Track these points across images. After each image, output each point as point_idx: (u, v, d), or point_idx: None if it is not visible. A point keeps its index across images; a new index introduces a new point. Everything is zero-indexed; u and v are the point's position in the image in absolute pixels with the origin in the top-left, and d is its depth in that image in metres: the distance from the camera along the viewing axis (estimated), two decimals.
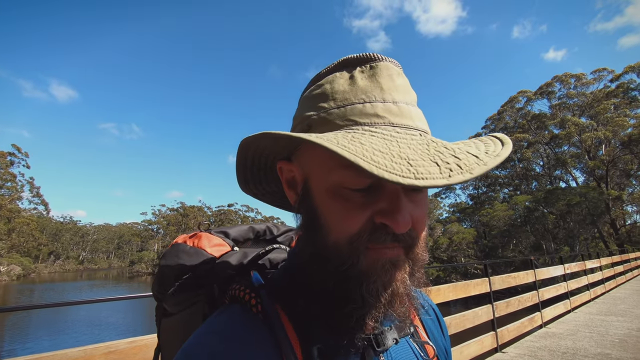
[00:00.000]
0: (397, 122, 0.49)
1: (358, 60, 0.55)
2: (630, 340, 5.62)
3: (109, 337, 17.01)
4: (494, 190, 49.26)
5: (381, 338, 0.53)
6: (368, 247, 0.46)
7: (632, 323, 6.81)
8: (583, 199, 30.78)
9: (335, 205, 0.48)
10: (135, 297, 2.53)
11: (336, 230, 0.48)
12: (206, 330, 0.49)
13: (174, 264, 0.71)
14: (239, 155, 0.60)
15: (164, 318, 0.77)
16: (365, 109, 0.49)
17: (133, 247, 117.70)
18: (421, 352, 0.59)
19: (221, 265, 0.68)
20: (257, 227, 0.85)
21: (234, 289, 0.56)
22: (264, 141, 0.55)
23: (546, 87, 45.68)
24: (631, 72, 38.34)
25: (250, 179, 0.67)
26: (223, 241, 0.78)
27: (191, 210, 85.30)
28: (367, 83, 0.52)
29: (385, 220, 0.45)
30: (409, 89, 0.55)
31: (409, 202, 0.48)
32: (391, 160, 0.40)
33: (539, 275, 7.24)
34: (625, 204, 39.22)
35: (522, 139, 42.76)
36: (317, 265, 0.51)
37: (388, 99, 0.51)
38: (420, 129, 0.50)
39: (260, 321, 0.49)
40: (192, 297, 0.69)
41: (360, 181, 0.46)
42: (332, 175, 0.47)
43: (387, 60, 0.55)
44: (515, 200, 36.63)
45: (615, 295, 10.76)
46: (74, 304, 2.38)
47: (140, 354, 1.92)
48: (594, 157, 40.02)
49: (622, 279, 13.80)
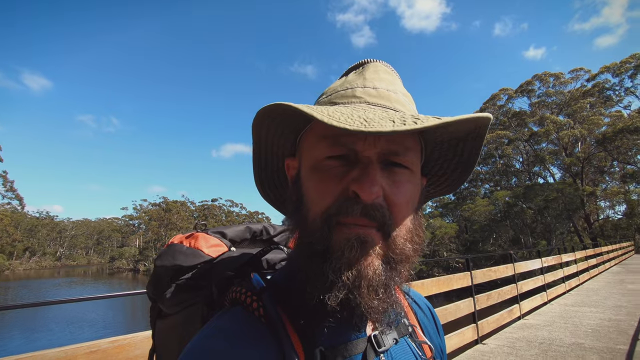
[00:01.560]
0: (374, 102, 0.52)
1: (354, 67, 0.61)
2: (602, 330, 5.87)
3: (88, 336, 16.64)
4: (476, 185, 50.42)
5: (381, 338, 0.53)
6: (339, 221, 0.47)
7: (604, 314, 7.12)
8: (560, 194, 31.90)
9: (314, 179, 0.50)
10: (120, 296, 2.47)
11: (314, 204, 0.49)
12: (209, 334, 0.48)
13: (170, 265, 0.71)
14: (254, 151, 0.61)
15: (159, 319, 0.75)
16: (346, 93, 0.54)
17: (113, 243, 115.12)
18: (419, 351, 0.59)
19: (219, 266, 0.68)
20: (254, 227, 0.85)
21: (234, 291, 0.55)
22: (269, 135, 0.58)
23: (526, 85, 46.93)
24: (606, 72, 39.79)
25: (265, 180, 0.66)
26: (220, 241, 0.78)
27: (174, 205, 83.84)
28: (353, 77, 0.58)
29: (354, 186, 0.46)
30: (395, 82, 0.58)
31: (386, 176, 0.49)
32: (348, 117, 0.43)
33: (518, 269, 7.47)
34: (598, 199, 40.89)
35: (503, 135, 43.84)
36: (300, 249, 0.52)
37: (369, 85, 0.55)
38: (397, 109, 0.52)
39: (263, 324, 0.49)
40: (189, 299, 0.68)
41: (334, 149, 0.49)
42: (314, 151, 0.51)
43: (377, 61, 0.60)
44: (495, 196, 37.64)
45: (589, 287, 11.24)
46: (55, 303, 2.27)
47: (123, 353, 1.88)
48: (571, 154, 41.46)
49: (595, 272, 14.40)
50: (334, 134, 0.49)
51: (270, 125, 0.55)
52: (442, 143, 0.58)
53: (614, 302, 8.26)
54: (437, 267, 35.10)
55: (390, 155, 0.50)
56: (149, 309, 0.80)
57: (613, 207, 45.26)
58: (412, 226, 0.52)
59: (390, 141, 0.49)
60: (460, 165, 0.61)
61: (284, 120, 0.54)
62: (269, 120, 0.53)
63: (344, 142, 0.48)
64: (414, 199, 0.53)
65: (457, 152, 0.59)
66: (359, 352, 0.51)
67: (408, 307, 0.69)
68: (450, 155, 0.60)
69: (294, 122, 0.55)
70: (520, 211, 35.12)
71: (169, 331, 0.73)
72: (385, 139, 0.49)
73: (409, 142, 0.51)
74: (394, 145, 0.49)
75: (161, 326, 0.75)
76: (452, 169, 0.62)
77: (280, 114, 0.51)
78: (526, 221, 35.64)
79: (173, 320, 0.72)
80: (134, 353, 1.91)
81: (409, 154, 0.51)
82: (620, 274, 14.32)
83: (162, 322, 0.75)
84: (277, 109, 0.49)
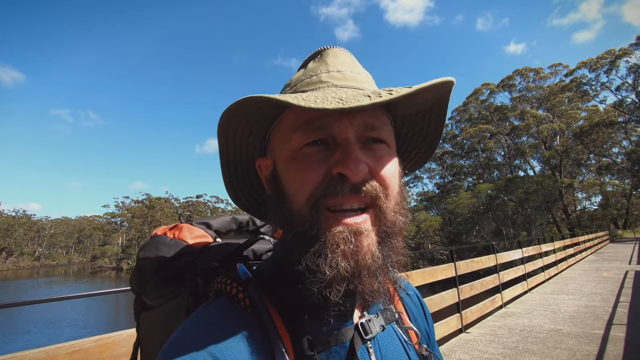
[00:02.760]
0: (341, 84, 0.53)
1: (311, 56, 0.62)
2: (579, 317, 6.11)
3: (69, 336, 16.25)
4: (459, 179, 51.38)
5: (369, 326, 0.53)
6: (328, 205, 0.47)
7: (581, 301, 7.40)
8: (539, 186, 32.84)
9: (293, 167, 0.50)
10: (104, 294, 2.42)
11: (297, 192, 0.49)
12: (193, 324, 0.47)
13: (153, 257, 0.70)
14: (221, 158, 0.59)
15: (143, 312, 0.75)
16: (311, 80, 0.55)
17: (95, 241, 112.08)
18: (405, 337, 0.60)
19: (204, 257, 0.68)
20: (240, 218, 0.84)
21: (219, 282, 0.54)
22: (237, 136, 0.56)
23: (508, 80, 47.91)
24: (583, 67, 40.93)
25: (237, 186, 0.64)
26: (205, 232, 0.77)
27: (157, 202, 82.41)
28: (314, 65, 0.58)
29: (339, 168, 0.46)
30: (355, 64, 0.58)
31: (367, 154, 0.49)
32: (323, 99, 0.43)
33: (499, 259, 7.67)
34: (576, 191, 42.32)
35: (486, 129, 44.70)
36: (289, 245, 0.52)
37: (332, 69, 0.55)
38: (365, 88, 0.53)
39: (248, 315, 0.49)
40: (173, 290, 0.68)
41: (310, 135, 0.49)
42: (289, 143, 0.50)
43: (335, 47, 0.61)
44: (478, 189, 38.43)
45: (567, 275, 11.64)
46: (37, 302, 2.18)
47: (107, 352, 1.84)
48: (550, 147, 42.71)
49: (572, 261, 14.92)
50: (307, 119, 0.49)
51: (239, 125, 0.54)
52: (410, 117, 0.59)
53: (590, 290, 8.60)
54: (422, 259, 35.70)
55: (368, 131, 0.50)
56: (132, 302, 0.79)
57: (589, 199, 47.09)
58: (400, 198, 0.53)
59: (366, 118, 0.49)
60: (428, 137, 0.63)
61: (253, 117, 0.53)
62: (237, 119, 0.52)
63: (319, 126, 0.48)
64: (396, 173, 0.53)
65: (424, 124, 0.60)
66: (347, 339, 0.51)
67: (395, 294, 0.68)
68: (418, 128, 0.61)
69: (263, 118, 0.54)
70: (502, 203, 36.01)
71: (153, 324, 0.72)
72: (361, 117, 0.49)
73: (383, 117, 0.52)
74: (370, 120, 0.50)
75: (145, 319, 0.75)
76: (420, 141, 0.64)
77: (249, 110, 0.50)
78: (507, 213, 36.58)
79: (157, 312, 0.71)
80: (118, 351, 1.87)
81: (385, 128, 0.52)
82: (596, 263, 14.89)
83: (146, 315, 0.75)
84: (246, 105, 0.47)
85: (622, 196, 42.88)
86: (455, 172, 51.94)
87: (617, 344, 4.61)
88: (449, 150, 51.50)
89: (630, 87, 37.21)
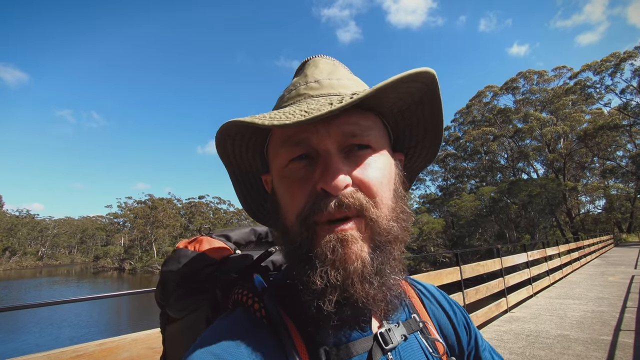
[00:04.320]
0: (317, 93, 0.53)
1: (297, 69, 0.63)
2: (585, 322, 6.02)
3: (67, 336, 16.26)
4: (462, 181, 51.17)
5: (389, 335, 0.51)
6: (316, 220, 0.46)
7: (587, 305, 7.31)
8: (543, 189, 32.61)
9: (283, 186, 0.50)
10: (112, 296, 2.38)
11: (288, 211, 0.49)
12: (209, 336, 0.47)
13: (176, 269, 0.72)
14: (230, 174, 0.63)
15: (168, 325, 0.76)
16: (291, 95, 0.56)
17: (97, 241, 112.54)
18: (431, 349, 0.57)
19: (223, 268, 0.69)
20: (259, 230, 0.85)
21: (236, 293, 0.55)
22: (236, 154, 0.59)
23: (511, 82, 47.72)
24: (588, 70, 40.69)
25: (250, 199, 0.68)
26: (224, 244, 0.77)
27: (160, 202, 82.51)
28: (296, 78, 0.59)
29: (320, 184, 0.46)
30: (336, 70, 0.58)
31: (351, 163, 0.48)
32: (288, 114, 0.44)
33: (505, 263, 7.59)
34: (580, 194, 42.09)
35: (489, 132, 44.55)
36: (287, 259, 0.52)
37: (310, 80, 0.56)
38: (341, 94, 0.52)
39: (264, 325, 0.49)
40: (195, 302, 0.69)
41: (293, 151, 0.49)
42: (277, 160, 0.51)
43: (318, 56, 0.61)
44: (481, 191, 38.25)
45: (572, 280, 11.51)
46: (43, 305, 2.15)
47: (111, 356, 1.81)
48: (553, 150, 42.46)
49: (577, 265, 14.78)
50: (287, 136, 0.49)
51: (233, 144, 0.56)
52: (402, 112, 0.57)
53: (596, 294, 8.49)
54: (425, 262, 35.54)
55: (349, 139, 0.49)
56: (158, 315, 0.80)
57: (593, 202, 46.81)
58: (394, 204, 0.51)
59: (343, 124, 0.48)
60: (428, 129, 0.60)
61: (242, 137, 0.55)
62: (228, 138, 0.54)
63: (298, 141, 0.48)
64: (388, 177, 0.51)
65: (420, 117, 0.58)
66: (365, 350, 0.49)
67: (417, 300, 0.66)
68: (415, 122, 0.59)
69: (253, 137, 0.56)
70: (505, 206, 35.79)
71: (177, 336, 0.73)
72: (338, 124, 0.48)
73: (366, 121, 0.51)
74: (349, 127, 0.48)
75: (170, 332, 0.75)
76: (421, 135, 0.61)
77: (235, 132, 0.52)
78: (511, 216, 36.37)
79: (180, 324, 0.72)
80: (121, 356, 1.84)
81: (369, 132, 0.50)
82: (601, 267, 14.74)
83: (170, 328, 0.75)
84: (230, 127, 0.50)
85: (627, 200, 42.57)
86: (458, 174, 51.72)
87: (626, 351, 4.53)
88: (452, 152, 51.36)
89: (635, 90, 36.95)
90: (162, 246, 75.13)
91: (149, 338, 1.98)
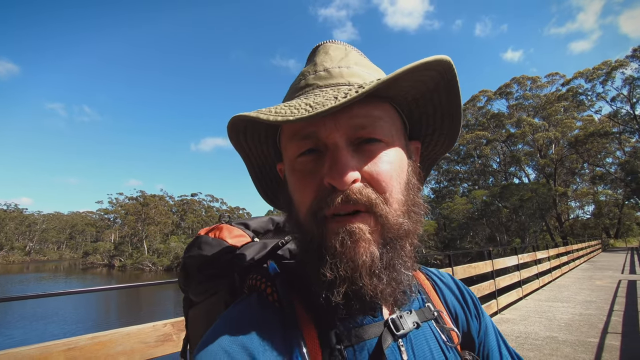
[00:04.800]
0: (325, 83, 0.52)
1: (309, 56, 0.61)
2: (574, 324, 6.11)
3: (52, 332, 16.02)
4: (455, 184, 51.60)
5: (400, 322, 0.51)
6: (324, 215, 0.47)
7: (575, 308, 7.41)
8: (534, 194, 33.02)
9: (293, 180, 0.51)
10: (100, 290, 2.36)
11: (299, 204, 0.50)
12: (223, 321, 0.50)
13: (196, 255, 0.74)
14: (247, 165, 0.65)
15: (190, 309, 0.78)
16: (300, 85, 0.55)
17: (87, 237, 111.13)
18: (445, 337, 0.56)
19: (241, 255, 0.70)
20: (277, 219, 0.88)
21: (251, 278, 0.58)
22: (250, 146, 0.60)
23: (505, 87, 48.29)
24: (580, 77, 41.36)
25: (269, 189, 0.70)
26: (243, 232, 0.79)
27: (152, 199, 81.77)
28: (306, 67, 0.58)
29: (327, 178, 0.45)
30: (348, 56, 0.57)
31: (360, 157, 0.47)
32: (293, 108, 0.43)
33: (496, 265, 7.66)
34: (569, 199, 42.70)
35: (482, 136, 44.98)
36: (299, 250, 0.54)
37: (319, 69, 0.54)
38: (351, 83, 0.51)
39: (276, 309, 0.50)
40: (214, 286, 0.71)
41: (301, 145, 0.49)
42: (288, 152, 0.52)
43: (328, 41, 0.60)
44: (473, 195, 38.61)
45: (560, 283, 11.67)
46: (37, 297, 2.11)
47: (103, 350, 1.78)
48: (545, 155, 43.03)
49: (566, 268, 14.99)
50: (294, 131, 0.49)
51: (246, 137, 0.57)
52: (416, 101, 0.55)
53: (584, 298, 8.62)
54: (417, 263, 35.64)
55: (358, 132, 0.48)
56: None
57: (582, 207, 47.52)
58: (405, 198, 0.50)
59: (352, 117, 0.47)
60: (446, 116, 0.58)
61: (252, 130, 0.56)
62: (239, 133, 0.55)
63: (306, 135, 0.48)
64: (399, 170, 0.50)
65: (436, 105, 0.56)
66: (376, 335, 0.49)
67: (432, 290, 0.66)
68: (431, 110, 0.57)
69: (263, 129, 0.56)
70: (497, 210, 36.16)
71: (198, 319, 0.75)
72: (347, 117, 0.47)
73: (376, 111, 0.49)
74: (358, 120, 0.47)
75: (192, 316, 0.77)
76: (439, 123, 0.59)
77: (244, 125, 0.53)
78: (502, 220, 36.76)
79: (201, 308, 0.74)
80: (115, 350, 1.82)
81: (380, 123, 0.49)
82: (589, 271, 14.96)
83: (192, 311, 0.77)
84: (237, 122, 0.51)
85: (615, 206, 43.34)
86: (450, 177, 52.16)
87: (613, 353, 4.60)
88: (445, 155, 51.48)
89: (625, 98, 37.66)
90: (153, 243, 74.43)
91: (142, 332, 1.96)
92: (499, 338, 0.67)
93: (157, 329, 2.02)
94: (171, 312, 18.98)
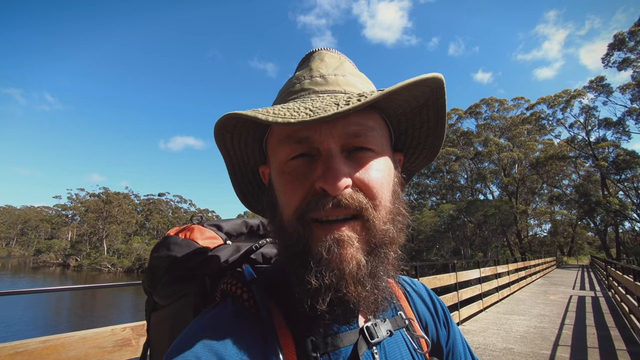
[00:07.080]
0: (322, 89, 0.52)
1: (302, 60, 0.62)
2: (529, 336, 6.41)
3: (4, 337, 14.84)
4: (424, 197, 53.07)
5: (375, 330, 0.52)
6: (313, 217, 0.46)
7: (531, 321, 7.79)
8: (497, 211, 34.57)
9: (281, 181, 0.50)
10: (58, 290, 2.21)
11: (285, 207, 0.49)
12: (197, 327, 0.48)
13: (165, 256, 0.72)
14: (227, 165, 0.62)
15: (153, 312, 0.76)
16: (295, 88, 0.54)
17: (41, 234, 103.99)
18: (415, 345, 0.58)
19: (213, 257, 0.69)
20: (251, 222, 0.86)
21: (225, 282, 0.55)
22: (234, 146, 0.58)
23: (475, 107, 50.63)
24: (543, 103, 43.98)
25: (247, 192, 0.67)
26: (216, 234, 0.78)
27: (116, 197, 78.13)
28: (300, 71, 0.58)
29: (320, 183, 0.45)
30: (342, 65, 0.57)
31: (352, 164, 0.48)
32: (293, 112, 0.43)
33: (459, 278, 7.92)
34: (529, 217, 45.06)
35: (452, 152, 46.71)
36: (282, 255, 0.52)
37: (315, 74, 0.55)
38: (347, 92, 0.52)
39: (252, 316, 0.49)
40: (182, 289, 0.69)
41: (294, 148, 0.48)
42: (277, 155, 0.51)
43: (323, 49, 0.60)
44: (441, 208, 39.88)
45: (518, 296, 12.23)
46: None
47: (55, 354, 1.67)
48: (508, 174, 45.33)
49: (524, 283, 15.74)
50: (288, 134, 0.49)
51: (232, 137, 0.55)
52: (405, 114, 0.56)
53: (539, 311, 9.07)
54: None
55: (352, 140, 0.48)
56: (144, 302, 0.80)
57: (540, 225, 50.35)
58: (392, 206, 0.51)
59: (347, 125, 0.48)
60: (431, 132, 0.59)
61: (241, 130, 0.54)
62: (227, 133, 0.54)
63: (300, 139, 0.48)
64: (388, 179, 0.51)
65: (423, 120, 0.57)
66: (351, 343, 0.50)
67: (404, 298, 0.67)
68: (418, 124, 0.58)
69: (252, 130, 0.55)
70: (462, 224, 37.49)
71: (163, 323, 0.73)
72: (342, 125, 0.47)
73: (369, 122, 0.50)
74: (353, 128, 0.48)
75: (155, 319, 0.75)
76: (423, 137, 0.61)
77: (233, 124, 0.52)
78: (467, 234, 38.14)
79: (166, 312, 0.72)
80: (67, 354, 1.71)
81: (372, 134, 0.50)
82: (544, 286, 15.79)
83: (156, 315, 0.75)
84: (229, 121, 0.49)
85: (569, 225, 46.24)
86: (420, 190, 53.66)
87: None
88: None
89: (582, 125, 40.42)
90: (113, 243, 70.94)
91: (99, 337, 1.86)
92: (466, 348, 0.68)
93: (115, 333, 1.92)
94: (130, 317, 18.08)
